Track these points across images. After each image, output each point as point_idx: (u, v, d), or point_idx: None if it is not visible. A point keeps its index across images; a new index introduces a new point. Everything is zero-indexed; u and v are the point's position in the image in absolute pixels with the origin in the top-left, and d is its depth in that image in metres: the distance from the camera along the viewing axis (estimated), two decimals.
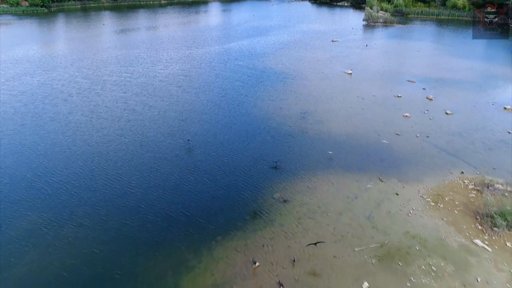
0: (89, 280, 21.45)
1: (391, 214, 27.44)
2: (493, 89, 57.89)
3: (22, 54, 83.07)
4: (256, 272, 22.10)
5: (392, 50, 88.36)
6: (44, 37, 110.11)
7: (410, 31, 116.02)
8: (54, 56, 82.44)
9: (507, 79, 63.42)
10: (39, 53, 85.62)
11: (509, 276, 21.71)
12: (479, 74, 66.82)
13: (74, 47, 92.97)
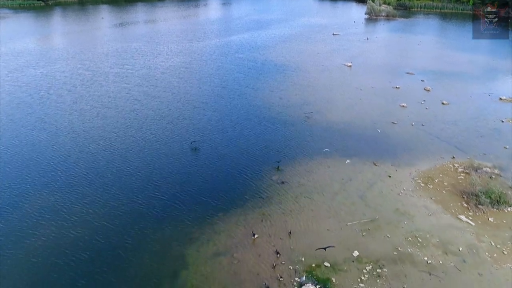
0: (103, 248, 23.95)
1: (383, 194, 29.89)
2: (490, 81, 60.17)
3: (22, 47, 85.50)
4: (255, 243, 24.59)
5: (393, 44, 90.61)
6: (43, 30, 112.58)
7: (412, 24, 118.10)
8: (55, 49, 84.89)
9: (505, 72, 65.59)
10: (39, 46, 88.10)
11: (489, 246, 24.14)
12: (479, 67, 69.04)
13: (74, 40, 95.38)
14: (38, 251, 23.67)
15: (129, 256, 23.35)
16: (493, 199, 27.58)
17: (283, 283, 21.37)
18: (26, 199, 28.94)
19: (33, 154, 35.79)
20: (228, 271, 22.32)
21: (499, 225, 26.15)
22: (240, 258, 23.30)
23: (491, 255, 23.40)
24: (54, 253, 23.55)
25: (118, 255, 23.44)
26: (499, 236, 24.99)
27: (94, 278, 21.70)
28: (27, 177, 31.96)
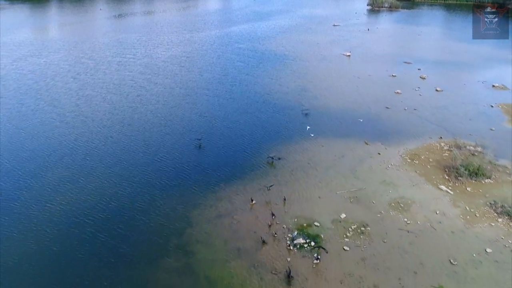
0: (118, 210, 27.65)
1: (372, 168, 33.50)
2: (486, 70, 63.51)
3: (22, 37, 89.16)
4: (253, 207, 28.26)
5: (393, 34, 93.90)
6: (42, 21, 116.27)
7: (414, 15, 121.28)
8: (55, 39, 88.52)
9: (501, 61, 68.79)
10: (39, 36, 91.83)
11: (464, 210, 27.75)
12: (476, 56, 72.29)
13: (73, 31, 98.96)
14: (62, 212, 27.37)
15: (141, 216, 27.08)
16: (471, 171, 31.20)
17: (277, 239, 25.06)
18: (46, 171, 32.65)
19: (47, 134, 39.51)
20: (228, 230, 26.03)
21: (475, 194, 29.76)
22: (240, 219, 27.02)
23: (465, 217, 27.04)
24: (76, 214, 27.25)
25: (132, 215, 27.17)
26: (474, 203, 28.61)
27: (111, 234, 25.41)
28: (46, 153, 35.68)
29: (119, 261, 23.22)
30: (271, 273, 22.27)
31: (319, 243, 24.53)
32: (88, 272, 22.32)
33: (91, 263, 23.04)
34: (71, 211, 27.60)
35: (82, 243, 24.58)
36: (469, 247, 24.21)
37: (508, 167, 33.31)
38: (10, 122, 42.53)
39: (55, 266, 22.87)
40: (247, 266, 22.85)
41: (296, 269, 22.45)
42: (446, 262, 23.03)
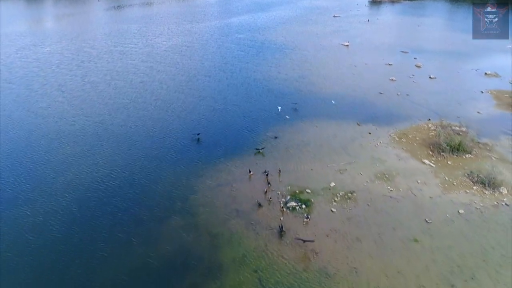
0: (128, 178, 31.33)
1: (362, 145, 37.12)
2: (481, 59, 66.93)
3: (24, 28, 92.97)
4: (250, 178, 31.91)
5: (392, 25, 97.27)
6: (43, 12, 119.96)
7: (416, 7, 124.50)
8: (57, 29, 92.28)
9: (498, 51, 72.21)
10: (41, 27, 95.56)
11: (443, 180, 31.35)
12: (473, 46, 75.55)
13: (74, 22, 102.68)
14: (78, 180, 31.07)
15: (150, 184, 30.78)
16: (453, 147, 34.78)
17: (272, 203, 28.71)
18: (60, 147, 36.38)
19: (57, 116, 43.23)
20: (228, 196, 29.70)
21: (455, 167, 33.36)
22: (238, 187, 30.69)
23: (443, 185, 30.66)
24: (91, 182, 30.95)
25: (142, 183, 30.89)
26: (453, 174, 32.22)
27: (124, 198, 29.10)
28: (57, 132, 39.39)
29: (131, 220, 26.92)
30: (266, 229, 25.98)
31: (310, 206, 28.22)
32: (104, 229, 26.01)
33: (106, 221, 26.73)
34: (86, 180, 31.32)
35: (98, 205, 28.29)
36: (444, 209, 27.85)
37: (489, 145, 36.91)
38: (21, 105, 46.24)
39: (75, 222, 26.54)
40: (244, 224, 26.53)
41: (288, 226, 26.12)
42: (422, 221, 26.67)
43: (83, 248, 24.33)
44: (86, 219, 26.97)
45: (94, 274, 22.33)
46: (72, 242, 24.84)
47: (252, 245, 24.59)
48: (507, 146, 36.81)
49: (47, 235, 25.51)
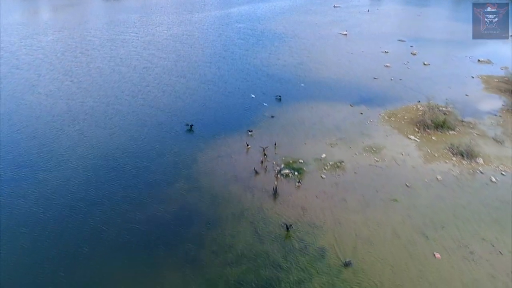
0: (137, 150, 35.22)
1: (353, 123, 40.94)
2: (476, 47, 70.50)
3: (26, 18, 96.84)
4: (248, 151, 35.77)
5: (392, 15, 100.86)
6: (42, 2, 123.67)
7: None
8: (57, 19, 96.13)
9: (494, 39, 75.68)
10: (42, 17, 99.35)
11: (426, 153, 35.16)
12: (470, 35, 79.02)
13: (75, 12, 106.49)
14: (90, 150, 35.00)
15: (157, 155, 34.66)
16: (437, 124, 38.59)
17: (267, 171, 32.58)
18: (71, 125, 40.29)
19: (66, 98, 47.14)
20: (227, 165, 33.57)
21: (438, 141, 37.16)
22: (237, 158, 34.57)
23: (425, 157, 34.50)
24: (103, 152, 34.86)
25: (149, 155, 34.73)
26: (436, 147, 36.03)
27: (134, 166, 32.97)
28: (67, 113, 43.29)
29: (142, 183, 30.77)
30: (261, 191, 29.87)
31: (302, 173, 32.11)
32: (119, 191, 29.88)
33: (121, 185, 30.58)
34: (99, 151, 35.20)
35: (112, 172, 32.17)
36: (424, 176, 31.68)
37: (472, 123, 40.69)
38: (32, 88, 50.11)
39: (92, 186, 30.40)
40: (242, 187, 30.41)
41: (282, 189, 29.97)
42: (403, 185, 30.51)
43: (102, 204, 28.15)
44: (102, 184, 30.83)
45: (112, 225, 26.17)
46: (92, 201, 28.66)
47: (249, 204, 28.49)
48: (489, 124, 40.61)
49: (69, 195, 29.39)
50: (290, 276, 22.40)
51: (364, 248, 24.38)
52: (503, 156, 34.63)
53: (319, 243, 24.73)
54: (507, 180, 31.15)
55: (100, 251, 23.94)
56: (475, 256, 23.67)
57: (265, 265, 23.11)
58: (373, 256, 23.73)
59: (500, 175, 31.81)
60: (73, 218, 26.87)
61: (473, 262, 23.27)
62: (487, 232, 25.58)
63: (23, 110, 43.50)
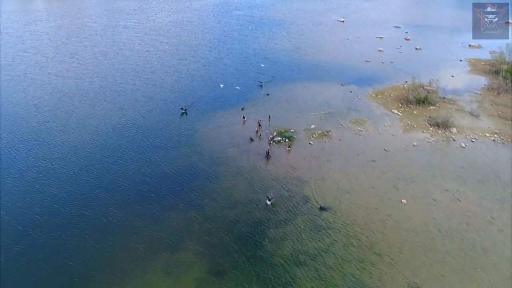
0: (143, 124, 40.51)
1: (343, 100, 46.15)
2: (469, 32, 74.99)
3: (26, 6, 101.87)
4: (245, 123, 41.01)
5: (391, 2, 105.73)
6: None
7: None
8: (58, 6, 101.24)
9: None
10: (42, 5, 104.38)
11: (406, 124, 40.35)
12: (465, 21, 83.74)
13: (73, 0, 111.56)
14: (103, 122, 40.30)
15: (161, 126, 40.00)
16: (419, 100, 43.76)
17: (262, 138, 37.84)
18: (81, 100, 45.60)
19: (74, 77, 52.45)
20: (226, 134, 38.85)
21: (419, 115, 42.35)
22: (234, 129, 39.84)
23: (405, 127, 39.71)
24: (113, 128, 40.17)
25: (154, 126, 40.06)
26: (416, 120, 41.23)
27: (141, 134, 38.31)
28: (78, 90, 48.60)
29: (149, 147, 36.06)
30: (256, 155, 35.16)
31: (292, 140, 37.38)
32: (128, 152, 35.17)
33: (129, 149, 35.88)
34: (109, 121, 40.55)
35: (122, 138, 37.53)
36: (401, 142, 36.93)
37: (453, 99, 45.87)
38: (42, 69, 55.39)
39: (105, 149, 35.77)
40: (238, 151, 35.71)
41: (274, 153, 35.25)
42: (382, 150, 35.74)
43: (116, 163, 33.41)
44: (115, 147, 36.14)
45: (127, 178, 31.41)
46: (107, 160, 33.91)
47: (244, 164, 33.79)
48: (468, 101, 45.75)
49: (87, 156, 34.70)
50: (279, 216, 27.72)
51: (343, 196, 29.65)
52: (476, 127, 39.86)
53: (304, 193, 30.02)
54: (475, 146, 36.40)
55: (118, 199, 29.25)
56: (436, 202, 28.96)
57: (257, 209, 28.42)
58: (350, 203, 29.01)
59: (470, 142, 37.06)
60: (92, 173, 32.20)
61: (434, 207, 28.56)
62: (450, 185, 30.85)
63: (37, 88, 48.79)
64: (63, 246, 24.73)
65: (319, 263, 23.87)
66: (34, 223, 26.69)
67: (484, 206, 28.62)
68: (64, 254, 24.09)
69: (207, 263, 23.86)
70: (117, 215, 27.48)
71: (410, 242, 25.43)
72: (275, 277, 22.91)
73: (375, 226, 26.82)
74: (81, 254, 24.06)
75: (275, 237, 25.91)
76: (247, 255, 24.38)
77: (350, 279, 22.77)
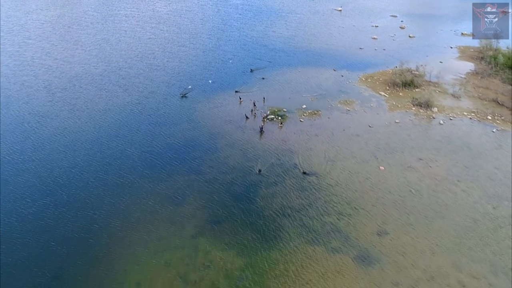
0: (146, 104, 45.49)
1: (334, 83, 51.08)
2: (464, 21, 79.96)
3: None
4: (241, 103, 45.95)
5: None
6: None
7: None
8: None
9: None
10: None
11: (391, 104, 45.30)
12: (461, 11, 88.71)
13: None
14: (111, 102, 45.30)
15: (163, 105, 45.00)
16: (405, 82, 48.68)
17: (256, 116, 42.79)
18: (88, 82, 50.60)
19: (80, 62, 57.42)
20: (223, 113, 43.82)
21: (404, 96, 47.28)
22: (230, 108, 44.83)
23: (390, 107, 44.67)
24: (122, 103, 45.17)
25: (156, 106, 45.04)
26: (401, 101, 46.17)
27: (146, 112, 43.33)
28: (84, 74, 53.58)
29: (153, 123, 41.11)
30: (250, 130, 40.17)
31: (284, 118, 42.37)
32: (134, 127, 40.19)
33: (135, 125, 40.90)
34: (116, 100, 45.57)
35: (128, 115, 42.57)
36: (385, 120, 41.90)
37: (438, 83, 50.77)
38: (49, 55, 60.27)
39: (112, 121, 40.81)
40: (234, 127, 40.73)
41: (267, 128, 40.27)
42: (366, 126, 40.72)
43: (124, 136, 38.42)
44: (122, 123, 41.17)
45: (135, 147, 36.47)
46: (115, 133, 38.95)
47: (240, 137, 38.81)
48: (452, 84, 50.61)
49: (95, 130, 39.72)
50: (269, 179, 32.74)
51: (328, 163, 34.64)
52: (456, 107, 44.79)
53: (293, 161, 35.04)
54: (452, 123, 41.37)
55: (128, 164, 34.29)
56: (410, 169, 33.98)
57: (251, 174, 33.45)
58: (333, 169, 34.01)
59: (448, 120, 42.01)
60: (103, 144, 37.28)
61: (408, 172, 33.57)
62: (425, 155, 35.84)
63: (45, 72, 53.74)
64: (83, 202, 29.83)
65: (303, 215, 28.94)
66: (56, 183, 31.76)
67: (453, 172, 33.66)
68: (85, 207, 29.23)
69: (206, 214, 28.95)
70: (128, 178, 32.55)
71: (384, 199, 30.46)
72: (265, 225, 27.98)
73: (355, 186, 31.87)
74: (99, 207, 29.17)
75: (266, 195, 30.96)
76: (242, 208, 29.46)
77: (329, 226, 27.83)
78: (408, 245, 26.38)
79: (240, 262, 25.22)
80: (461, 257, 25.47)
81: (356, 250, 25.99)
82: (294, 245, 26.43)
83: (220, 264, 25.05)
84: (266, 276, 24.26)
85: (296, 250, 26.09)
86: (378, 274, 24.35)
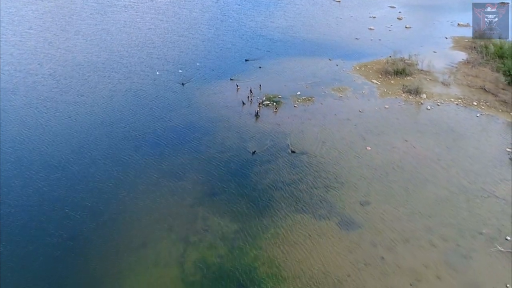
0: (148, 91, 49.44)
1: (328, 72, 55.01)
2: (461, 12, 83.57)
3: None
4: (238, 90, 49.88)
5: None
6: None
7: None
8: None
9: None
10: None
11: (382, 91, 49.21)
12: (460, 1, 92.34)
13: None
14: (114, 89, 49.26)
15: (163, 93, 48.98)
16: (397, 71, 52.59)
17: (252, 102, 46.76)
18: (92, 70, 54.58)
19: (82, 51, 61.40)
20: (221, 99, 47.81)
21: (395, 84, 51.21)
22: (228, 95, 48.81)
23: (381, 94, 48.60)
24: (126, 90, 49.15)
25: (156, 92, 49.01)
26: (392, 88, 50.09)
27: (148, 98, 47.30)
28: (87, 62, 57.55)
29: (154, 108, 45.10)
30: (246, 114, 44.16)
31: (279, 104, 46.32)
32: (135, 112, 44.20)
33: (136, 109, 44.89)
34: (119, 87, 49.56)
35: (130, 100, 46.59)
36: (375, 105, 45.84)
37: (429, 71, 54.64)
38: (50, 45, 64.19)
39: (115, 106, 44.79)
40: (231, 112, 44.73)
41: (262, 113, 44.25)
42: (357, 111, 44.67)
43: (125, 120, 42.42)
44: (123, 108, 45.21)
45: (135, 130, 40.49)
46: (117, 118, 42.95)
47: (236, 121, 42.83)
48: (443, 73, 54.47)
49: (99, 114, 43.71)
50: (263, 158, 36.78)
51: (318, 145, 38.65)
52: (444, 93, 48.71)
53: (286, 142, 39.05)
54: (439, 108, 45.32)
55: (133, 144, 38.39)
56: (395, 149, 37.98)
57: (246, 154, 37.47)
58: (324, 149, 38.01)
59: (435, 106, 45.95)
60: (109, 126, 41.35)
61: (393, 152, 37.57)
62: (410, 137, 39.82)
63: (49, 61, 57.72)
64: (93, 176, 33.94)
65: (293, 188, 32.98)
66: (67, 160, 35.86)
67: (435, 151, 37.67)
68: (94, 180, 33.35)
69: (205, 187, 33.03)
70: (134, 156, 36.65)
71: (369, 175, 34.49)
72: (259, 196, 32.03)
73: (343, 163, 35.91)
74: (107, 180, 33.28)
75: (259, 171, 35.01)
76: (237, 182, 33.53)
77: (317, 197, 31.88)
78: (388, 213, 30.40)
79: (235, 226, 29.30)
80: (433, 222, 29.49)
81: (340, 217, 30.02)
82: (284, 213, 30.48)
83: (217, 228, 29.12)
84: (259, 238, 28.33)
85: (286, 217, 30.15)
86: (358, 236, 28.41)
